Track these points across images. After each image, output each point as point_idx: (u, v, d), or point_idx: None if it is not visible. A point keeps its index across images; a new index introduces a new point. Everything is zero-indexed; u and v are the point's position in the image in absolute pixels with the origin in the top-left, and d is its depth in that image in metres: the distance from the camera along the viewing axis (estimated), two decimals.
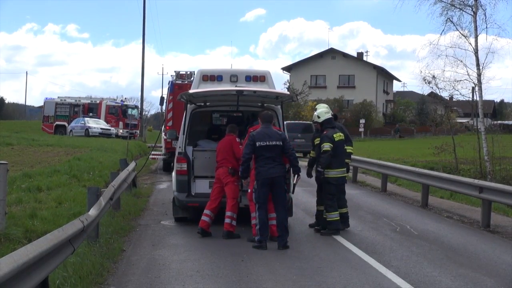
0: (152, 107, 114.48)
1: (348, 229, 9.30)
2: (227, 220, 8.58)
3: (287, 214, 8.30)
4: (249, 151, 8.14)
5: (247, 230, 8.45)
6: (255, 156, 8.13)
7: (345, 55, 62.96)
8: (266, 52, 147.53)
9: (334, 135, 9.02)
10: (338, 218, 8.90)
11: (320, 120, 9.19)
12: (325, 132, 9.06)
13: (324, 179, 8.99)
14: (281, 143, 8.13)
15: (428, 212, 12.04)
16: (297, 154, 8.84)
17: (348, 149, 9.49)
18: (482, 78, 17.65)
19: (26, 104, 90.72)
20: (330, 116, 9.18)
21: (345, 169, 9.15)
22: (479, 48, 17.68)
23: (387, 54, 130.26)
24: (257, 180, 8.07)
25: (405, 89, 79.77)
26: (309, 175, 9.42)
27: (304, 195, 13.21)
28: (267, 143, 8.08)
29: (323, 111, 9.28)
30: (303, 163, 10.32)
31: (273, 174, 7.99)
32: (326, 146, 8.92)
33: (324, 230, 8.91)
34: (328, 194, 9.03)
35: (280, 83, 58.96)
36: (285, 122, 9.97)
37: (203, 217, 8.72)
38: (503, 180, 15.93)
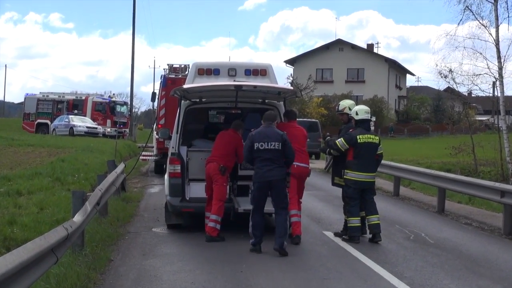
0: (143, 103, 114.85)
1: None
2: (210, 224, 8.70)
3: (287, 219, 8.28)
4: (248, 153, 8.23)
5: (246, 236, 8.44)
6: (253, 157, 8.21)
7: (354, 47, 63.03)
8: (267, 43, 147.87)
9: (359, 136, 9.09)
10: (358, 224, 8.98)
11: (356, 117, 9.25)
12: (350, 130, 9.25)
13: (345, 181, 9.15)
14: (280, 146, 8.16)
15: (444, 219, 12.03)
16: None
17: (380, 151, 9.29)
18: (503, 71, 17.68)
19: (5, 100, 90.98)
20: (366, 118, 9.24)
21: (369, 174, 9.08)
22: (500, 39, 17.74)
23: (399, 45, 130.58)
24: (253, 182, 8.18)
25: (420, 84, 79.88)
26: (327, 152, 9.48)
27: (309, 200, 13.21)
28: (265, 145, 8.12)
29: (363, 109, 9.35)
30: (312, 165, 10.27)
31: (271, 177, 8.04)
32: (340, 142, 9.10)
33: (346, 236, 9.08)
34: (345, 197, 9.20)
35: (282, 77, 58.97)
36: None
37: (206, 221, 8.88)
38: None
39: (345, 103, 9.68)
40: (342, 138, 9.18)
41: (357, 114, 9.30)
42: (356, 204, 9.04)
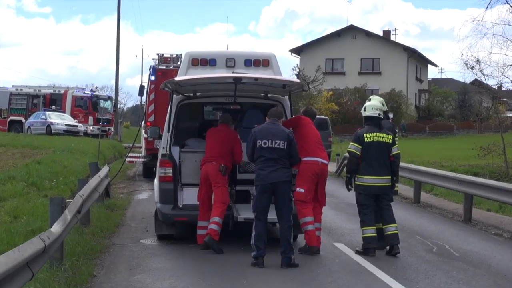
0: (130, 98, 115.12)
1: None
2: (213, 226, 8.76)
3: (292, 227, 8.26)
4: (252, 151, 8.29)
5: (247, 249, 8.43)
6: (255, 157, 8.26)
7: (368, 34, 62.99)
8: (269, 30, 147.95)
9: (366, 134, 9.13)
10: (373, 234, 8.98)
11: (364, 114, 9.38)
12: (358, 130, 9.33)
13: (354, 186, 9.20)
14: (286, 145, 8.19)
15: (472, 229, 12.03)
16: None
17: (395, 152, 9.27)
18: None
19: None
20: (373, 115, 9.27)
21: (381, 178, 9.07)
22: None
23: (419, 33, 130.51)
24: (255, 186, 8.20)
25: (443, 76, 79.83)
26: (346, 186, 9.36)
27: None
28: (269, 144, 8.15)
29: (371, 105, 9.38)
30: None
31: (274, 179, 8.08)
32: (351, 147, 9.19)
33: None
34: (358, 204, 9.22)
35: (287, 69, 59.07)
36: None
37: (200, 231, 8.96)
38: None
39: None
40: (351, 142, 9.27)
41: (364, 110, 9.38)
42: (369, 212, 9.04)
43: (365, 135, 9.14)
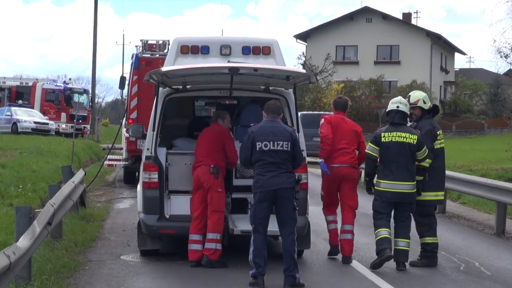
0: (109, 91, 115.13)
1: (392, 265, 9.31)
2: (210, 245, 8.81)
3: (296, 240, 8.26)
4: (248, 152, 8.26)
5: (245, 266, 8.43)
6: (253, 160, 8.27)
7: (386, 17, 63.00)
8: (271, 13, 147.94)
9: (384, 134, 9.26)
10: (386, 235, 9.10)
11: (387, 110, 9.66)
12: (377, 128, 9.63)
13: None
14: (289, 146, 8.20)
15: (505, 243, 12.02)
16: (318, 159, 8.87)
17: (422, 161, 9.35)
18: None
19: None
20: (393, 108, 9.41)
21: (402, 184, 9.18)
22: None
23: (444, 16, 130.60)
24: (254, 193, 8.22)
25: (472, 66, 79.87)
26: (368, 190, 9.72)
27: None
28: (270, 145, 8.16)
29: (395, 100, 9.55)
30: None
31: (276, 186, 8.09)
32: (368, 147, 9.47)
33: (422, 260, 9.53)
34: (373, 210, 9.44)
35: (292, 57, 59.05)
36: (299, 114, 9.97)
37: (191, 246, 8.96)
38: None
39: (418, 95, 9.84)
40: (369, 142, 9.48)
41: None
42: (382, 217, 9.24)
43: (382, 134, 9.25)
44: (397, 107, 9.36)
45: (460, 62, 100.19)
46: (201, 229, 8.98)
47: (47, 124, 36.85)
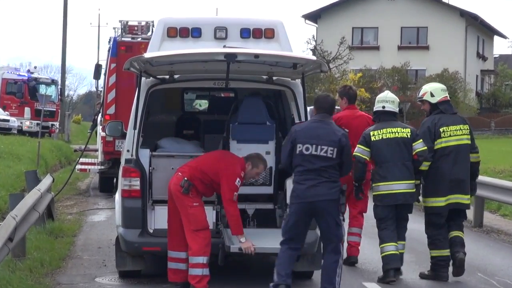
0: (81, 82, 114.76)
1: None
2: (195, 271, 8.73)
3: (339, 264, 8.42)
4: (286, 154, 8.45)
5: None
6: (293, 165, 8.42)
7: None
8: None
9: (373, 132, 9.70)
10: (392, 252, 9.62)
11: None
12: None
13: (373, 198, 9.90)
14: (335, 153, 8.27)
15: None
16: None
17: (420, 157, 9.82)
18: None
19: None
20: (378, 109, 10.03)
21: (401, 183, 9.64)
22: None
23: None
24: (290, 204, 8.38)
25: None
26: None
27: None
28: (312, 150, 8.26)
29: (379, 98, 10.19)
30: None
31: (314, 197, 8.22)
32: (356, 149, 9.72)
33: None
34: (376, 218, 9.88)
35: (300, 41, 58.98)
36: (308, 109, 9.98)
37: (171, 265, 8.96)
38: None
39: (426, 87, 10.26)
40: (358, 144, 9.80)
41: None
42: (387, 226, 9.73)
43: (371, 133, 9.67)
44: (383, 107, 9.89)
45: (500, 47, 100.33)
46: (179, 245, 8.90)
47: (8, 121, 36.89)
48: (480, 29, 65.38)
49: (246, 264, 8.41)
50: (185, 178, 8.86)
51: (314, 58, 9.94)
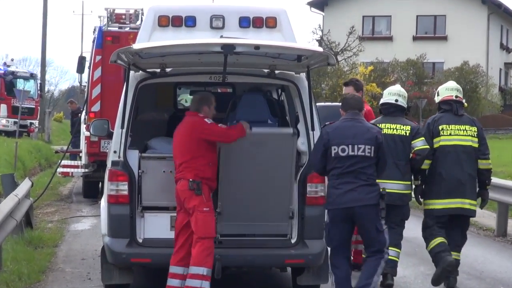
0: (63, 76, 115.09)
1: None
2: (193, 283, 8.69)
3: (380, 263, 8.63)
4: (318, 158, 8.54)
5: None
6: (328, 169, 8.56)
7: None
8: None
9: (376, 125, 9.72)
10: (393, 258, 9.88)
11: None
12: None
13: None
14: (372, 151, 8.45)
15: None
16: None
17: (419, 156, 10.06)
18: None
19: None
20: (390, 101, 10.18)
21: (396, 183, 9.88)
22: None
23: None
24: (327, 211, 8.56)
25: None
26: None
27: None
28: (349, 150, 8.41)
29: (390, 90, 10.33)
30: None
31: (351, 203, 8.38)
32: None
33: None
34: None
35: (305, 31, 59.06)
36: (315, 105, 9.97)
37: (171, 281, 8.92)
38: None
39: (440, 86, 10.62)
40: None
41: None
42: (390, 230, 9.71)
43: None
44: (396, 100, 10.05)
45: None
46: (183, 259, 8.88)
47: None
48: (504, 17, 65.45)
49: (244, 279, 8.38)
50: (190, 180, 8.85)
51: (320, 49, 9.94)
